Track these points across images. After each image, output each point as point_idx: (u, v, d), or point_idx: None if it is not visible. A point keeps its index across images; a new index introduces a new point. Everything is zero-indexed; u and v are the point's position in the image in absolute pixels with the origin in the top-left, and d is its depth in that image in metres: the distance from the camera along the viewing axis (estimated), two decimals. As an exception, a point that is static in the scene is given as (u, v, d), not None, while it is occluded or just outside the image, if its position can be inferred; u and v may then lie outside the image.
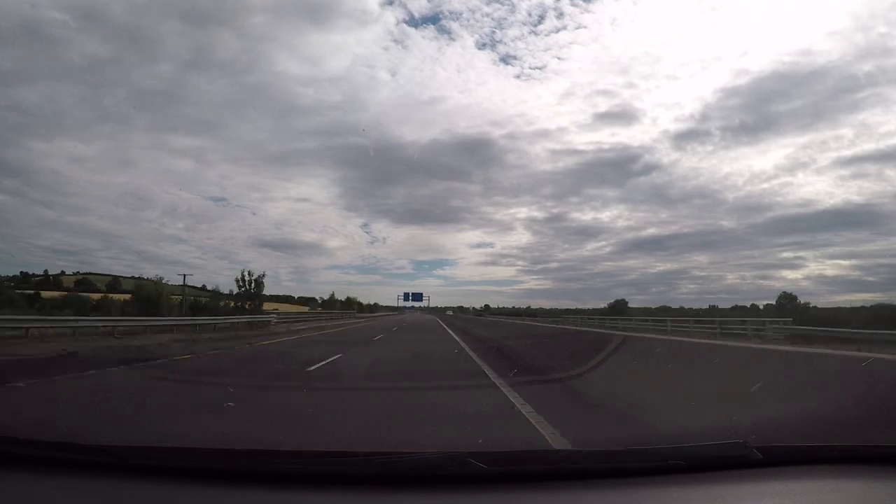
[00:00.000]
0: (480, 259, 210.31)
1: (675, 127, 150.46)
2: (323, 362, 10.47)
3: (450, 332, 25.81)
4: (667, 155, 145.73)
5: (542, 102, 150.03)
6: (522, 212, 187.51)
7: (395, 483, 1.65)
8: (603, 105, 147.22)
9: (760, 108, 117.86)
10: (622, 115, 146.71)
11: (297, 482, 1.65)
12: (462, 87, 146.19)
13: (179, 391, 7.46)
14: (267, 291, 40.59)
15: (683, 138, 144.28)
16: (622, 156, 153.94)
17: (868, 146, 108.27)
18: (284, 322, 36.68)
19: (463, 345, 15.91)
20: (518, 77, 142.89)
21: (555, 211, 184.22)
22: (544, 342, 11.50)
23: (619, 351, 6.72)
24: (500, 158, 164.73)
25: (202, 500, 1.60)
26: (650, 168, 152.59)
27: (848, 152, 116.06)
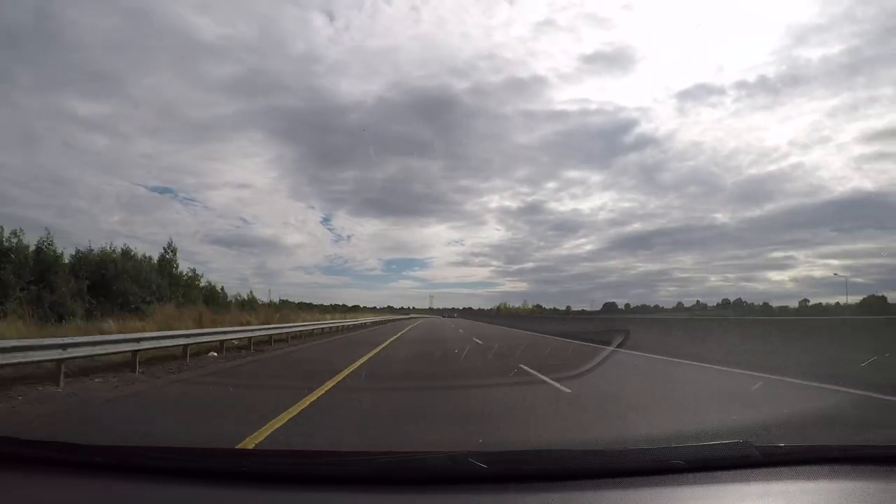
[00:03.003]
0: (452, 259, 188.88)
1: (680, 79, 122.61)
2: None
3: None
4: (666, 121, 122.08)
5: (514, 35, 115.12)
6: (494, 201, 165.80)
7: (395, 483, 1.65)
8: (592, 41, 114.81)
9: (789, 55, 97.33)
10: (615, 59, 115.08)
11: (296, 482, 1.65)
12: (415, 19, 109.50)
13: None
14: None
15: (689, 97, 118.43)
16: (612, 121, 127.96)
17: None
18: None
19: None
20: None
21: (530, 199, 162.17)
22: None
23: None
24: (465, 125, 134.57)
25: (202, 500, 1.60)
26: (644, 141, 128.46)
27: (879, 123, 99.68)
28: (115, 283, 23.12)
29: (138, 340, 9.83)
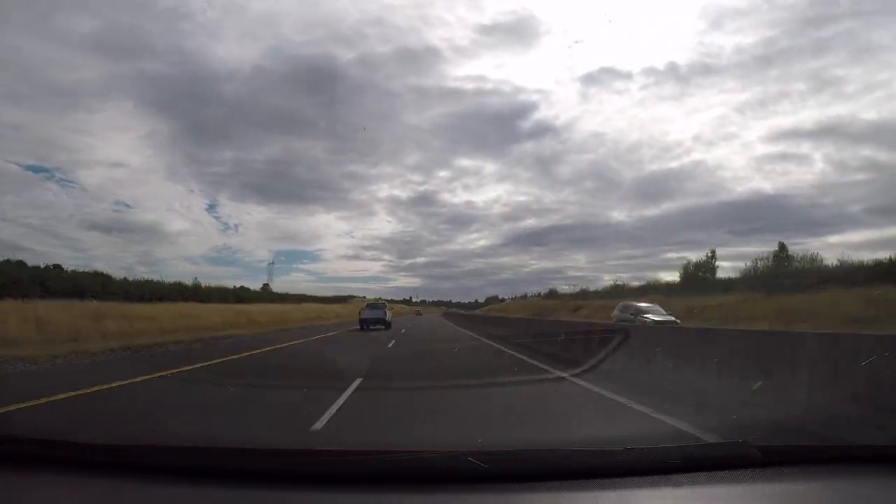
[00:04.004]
0: (343, 252, 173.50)
1: (586, 60, 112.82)
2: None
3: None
4: (567, 108, 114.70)
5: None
6: (383, 189, 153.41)
7: (395, 482, 1.65)
8: (491, 9, 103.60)
9: (702, 41, 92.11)
10: (516, 32, 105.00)
11: (296, 482, 1.65)
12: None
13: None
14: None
15: (594, 81, 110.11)
16: (509, 104, 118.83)
17: (812, 114, 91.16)
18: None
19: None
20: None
21: (421, 189, 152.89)
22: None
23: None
24: (351, 101, 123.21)
25: (202, 499, 1.60)
26: (542, 129, 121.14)
27: (786, 121, 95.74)
28: None
29: None
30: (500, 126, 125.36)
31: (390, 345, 15.83)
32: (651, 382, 6.69)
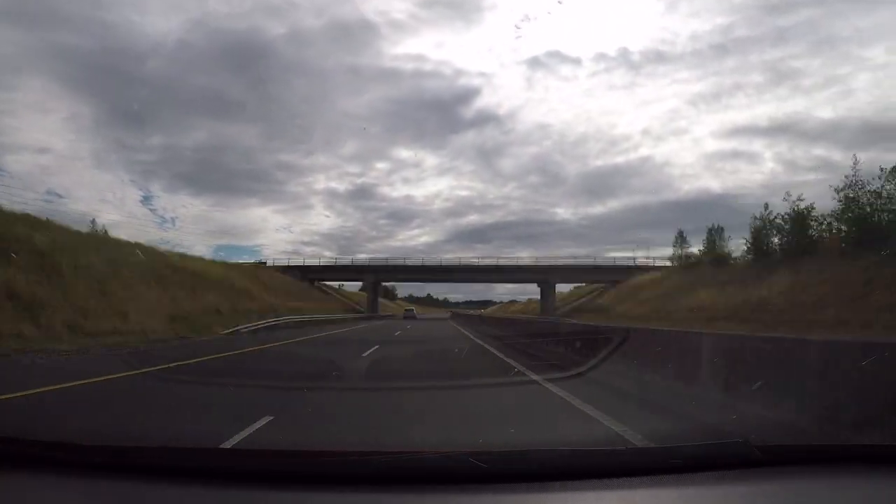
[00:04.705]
0: (283, 247, 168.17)
1: (532, 42, 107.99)
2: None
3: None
4: (511, 94, 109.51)
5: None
6: (320, 181, 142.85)
7: (395, 483, 1.65)
8: None
9: (657, 25, 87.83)
10: (458, 6, 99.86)
11: (295, 482, 1.65)
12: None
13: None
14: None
15: (540, 65, 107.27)
16: (450, 88, 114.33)
17: (767, 109, 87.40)
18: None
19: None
20: None
21: (359, 182, 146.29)
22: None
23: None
24: (281, 82, 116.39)
25: (201, 499, 1.60)
26: (485, 117, 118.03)
27: (740, 116, 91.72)
28: None
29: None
30: (440, 113, 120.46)
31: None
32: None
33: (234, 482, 1.66)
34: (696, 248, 47.21)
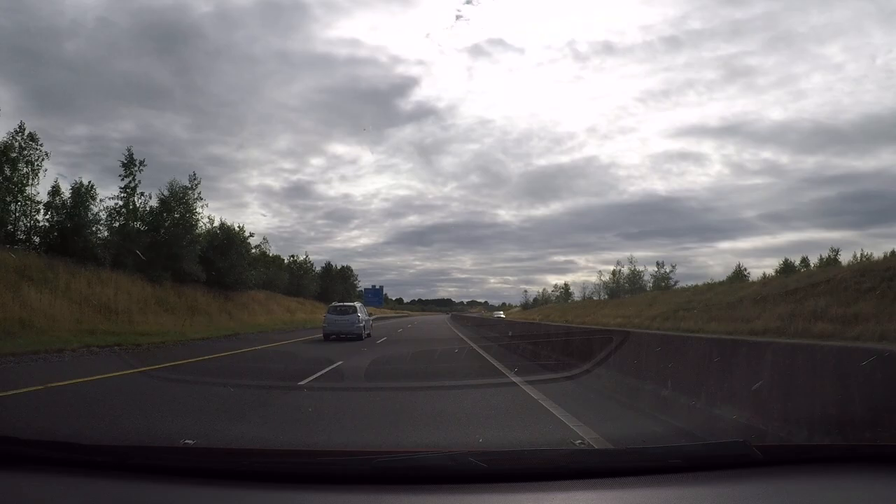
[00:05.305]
0: None
1: (474, 28, 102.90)
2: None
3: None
4: (452, 86, 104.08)
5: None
6: (253, 177, 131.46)
7: (395, 482, 1.65)
8: None
9: (606, 14, 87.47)
10: None
11: (295, 482, 1.65)
12: None
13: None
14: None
15: (482, 53, 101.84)
16: (387, 77, 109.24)
17: (718, 108, 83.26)
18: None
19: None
20: None
21: (294, 179, 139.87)
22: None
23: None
24: (208, 68, 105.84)
25: (202, 500, 1.60)
26: (424, 111, 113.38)
27: (691, 115, 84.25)
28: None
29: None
30: (376, 105, 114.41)
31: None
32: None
33: (234, 482, 1.66)
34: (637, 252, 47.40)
